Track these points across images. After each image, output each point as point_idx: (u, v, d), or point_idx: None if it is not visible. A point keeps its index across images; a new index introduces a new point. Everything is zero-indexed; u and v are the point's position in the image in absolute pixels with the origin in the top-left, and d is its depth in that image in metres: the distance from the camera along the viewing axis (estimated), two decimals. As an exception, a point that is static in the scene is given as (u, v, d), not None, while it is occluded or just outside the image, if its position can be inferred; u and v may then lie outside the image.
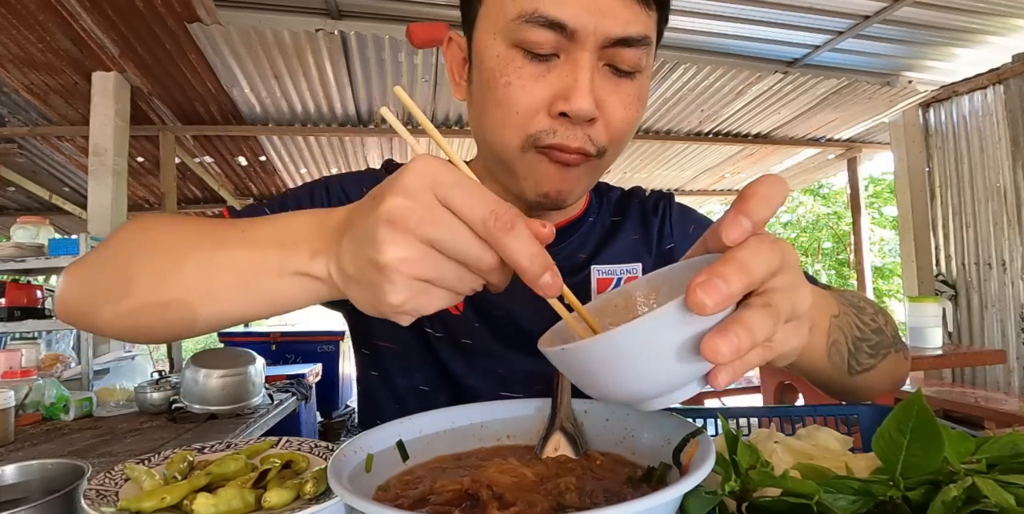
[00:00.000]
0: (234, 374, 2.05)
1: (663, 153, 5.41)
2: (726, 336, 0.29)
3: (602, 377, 0.32)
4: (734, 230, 0.31)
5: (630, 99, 0.57)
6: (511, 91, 0.55)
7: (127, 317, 0.47)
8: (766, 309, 0.31)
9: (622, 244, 0.74)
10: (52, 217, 3.65)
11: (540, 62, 0.54)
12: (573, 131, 0.55)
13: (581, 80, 0.53)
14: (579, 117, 0.53)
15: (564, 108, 0.53)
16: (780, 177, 0.33)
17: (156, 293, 0.45)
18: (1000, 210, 4.03)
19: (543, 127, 0.55)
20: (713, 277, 0.29)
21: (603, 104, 0.55)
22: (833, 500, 0.35)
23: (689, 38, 3.70)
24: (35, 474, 0.55)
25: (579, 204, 0.76)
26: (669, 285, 0.41)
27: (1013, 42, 3.86)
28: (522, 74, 0.55)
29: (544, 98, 0.55)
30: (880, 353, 0.58)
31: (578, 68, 0.53)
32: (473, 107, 0.62)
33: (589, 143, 0.56)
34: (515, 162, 0.58)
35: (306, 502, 0.43)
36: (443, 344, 0.71)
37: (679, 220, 0.77)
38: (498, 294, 0.69)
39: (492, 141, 0.59)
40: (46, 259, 2.47)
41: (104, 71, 3.39)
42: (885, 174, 10.56)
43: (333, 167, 5.40)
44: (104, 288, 0.49)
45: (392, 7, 3.25)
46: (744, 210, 0.31)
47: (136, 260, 0.48)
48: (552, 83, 0.54)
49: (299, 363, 3.93)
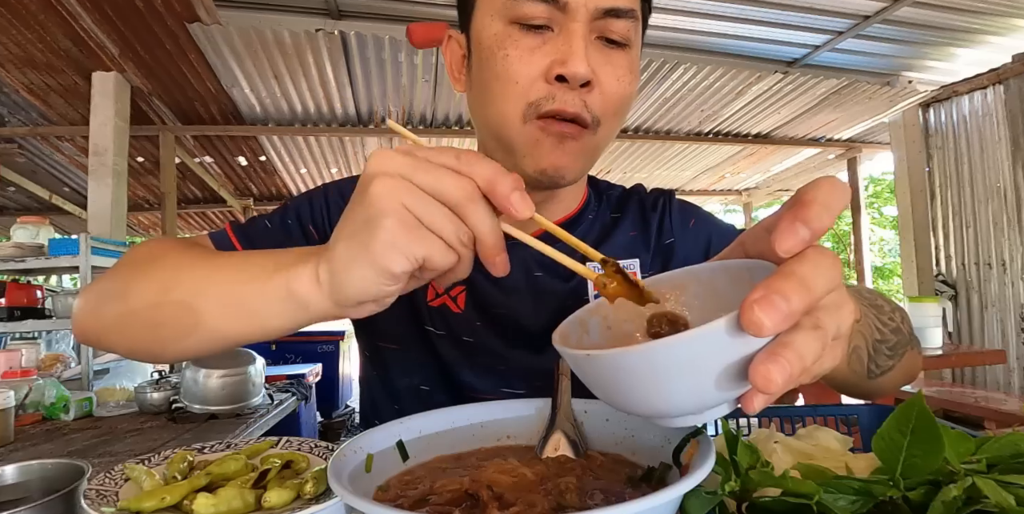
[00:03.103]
0: (234, 374, 2.05)
1: (663, 153, 5.41)
2: (777, 362, 0.26)
3: (627, 389, 0.30)
4: (789, 239, 0.28)
5: (622, 71, 0.60)
6: (509, 62, 0.58)
7: (131, 340, 0.51)
8: (816, 331, 0.27)
9: (620, 239, 0.74)
10: (52, 217, 3.65)
11: (536, 35, 0.58)
12: (571, 96, 0.57)
13: (576, 46, 0.56)
14: (576, 79, 0.56)
15: (560, 70, 0.55)
16: (839, 180, 0.29)
17: (152, 316, 0.47)
18: (1000, 210, 4.03)
19: (542, 93, 0.57)
20: (772, 294, 0.25)
21: (597, 73, 0.58)
22: (833, 500, 0.35)
23: (689, 38, 3.70)
24: (35, 474, 0.55)
25: (577, 200, 0.76)
26: (697, 285, 0.38)
27: (1013, 42, 3.86)
28: (519, 46, 0.58)
29: (541, 66, 0.57)
30: (898, 353, 0.57)
31: (572, 37, 0.56)
32: (473, 90, 0.65)
33: (585, 110, 0.58)
34: (515, 137, 0.60)
35: (306, 502, 0.43)
36: (444, 342, 0.71)
37: (679, 215, 0.77)
38: (499, 292, 0.70)
39: (493, 117, 0.61)
40: (46, 259, 2.47)
41: (104, 71, 3.39)
42: (885, 174, 10.56)
43: (333, 167, 5.40)
44: (110, 312, 0.52)
45: (392, 7, 3.25)
46: (804, 218, 0.28)
47: (137, 284, 0.51)
48: (548, 53, 0.57)
49: (299, 363, 3.92)
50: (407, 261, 0.34)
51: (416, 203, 0.34)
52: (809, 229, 0.27)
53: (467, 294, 0.71)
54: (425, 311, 0.71)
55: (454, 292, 0.71)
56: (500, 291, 0.70)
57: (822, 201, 0.28)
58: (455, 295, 0.71)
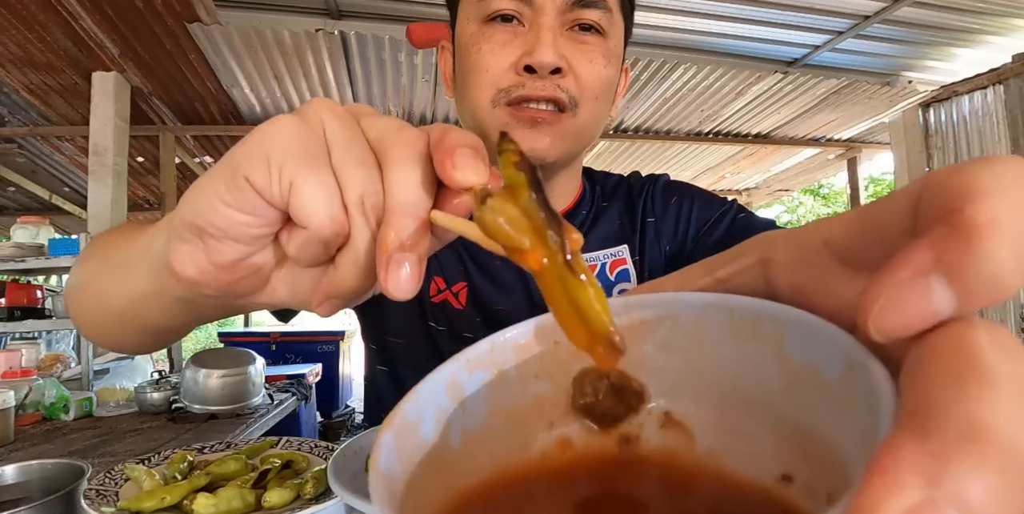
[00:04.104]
0: (234, 374, 2.05)
1: (663, 153, 5.41)
2: None
3: None
4: (904, 311, 0.12)
5: (594, 54, 0.61)
6: (482, 55, 0.60)
7: (93, 328, 0.46)
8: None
9: (606, 228, 0.73)
10: (52, 217, 3.65)
11: (507, 30, 0.60)
12: (542, 83, 0.58)
13: (543, 37, 0.57)
14: (543, 67, 0.57)
15: (528, 61, 0.57)
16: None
17: (98, 299, 0.42)
18: (1000, 210, 4.04)
19: (512, 82, 0.59)
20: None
21: (569, 59, 0.59)
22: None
23: (689, 38, 3.70)
24: (35, 474, 0.55)
25: (572, 194, 0.75)
26: (672, 330, 0.21)
27: (1013, 42, 3.86)
28: (492, 41, 0.60)
29: (512, 57, 0.59)
30: None
31: (540, 29, 0.58)
32: (457, 92, 0.67)
33: (559, 91, 0.59)
34: (485, 120, 0.61)
35: (306, 502, 0.43)
36: (445, 338, 0.71)
37: (661, 193, 0.75)
38: (498, 291, 0.70)
39: (469, 107, 0.63)
40: (46, 259, 2.47)
41: (104, 71, 3.39)
42: (885, 174, 10.57)
43: (333, 167, 5.40)
44: (78, 303, 0.46)
45: (392, 7, 3.25)
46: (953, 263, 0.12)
47: (84, 270, 0.46)
48: (518, 46, 0.60)
49: (299, 363, 3.93)
50: (270, 176, 0.23)
51: (333, 124, 0.25)
52: (956, 294, 0.12)
53: (468, 291, 0.71)
54: (428, 306, 0.72)
55: (456, 288, 0.71)
56: (499, 290, 0.71)
57: (1010, 228, 0.12)
58: (456, 291, 0.71)
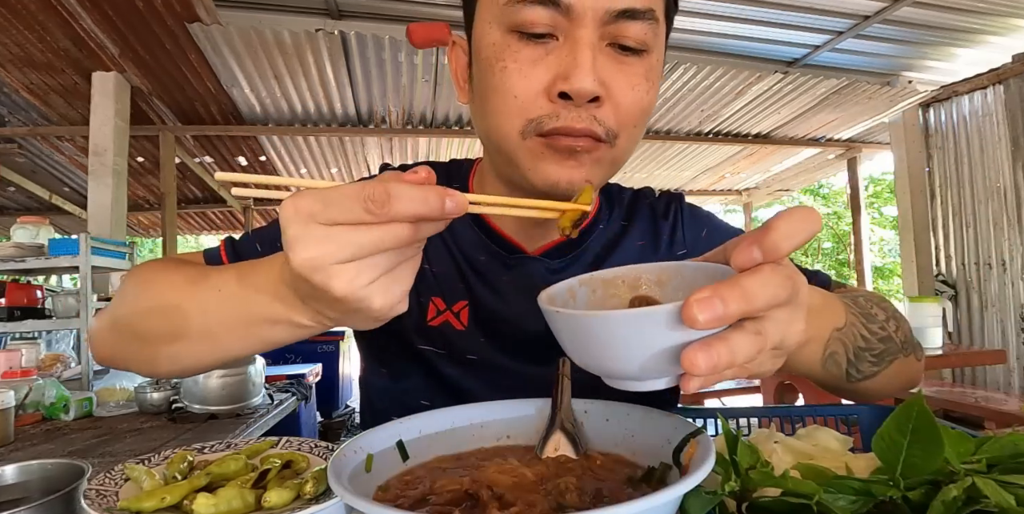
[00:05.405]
0: (234, 374, 2.05)
1: (663, 153, 5.41)
2: (708, 352, 0.30)
3: (584, 347, 0.35)
4: (741, 256, 0.32)
5: (637, 79, 0.53)
6: (507, 75, 0.52)
7: (146, 364, 0.54)
8: (755, 336, 0.31)
9: (627, 250, 0.71)
10: (52, 217, 3.65)
11: (537, 45, 0.51)
12: (577, 113, 0.51)
13: (581, 58, 0.49)
14: (581, 96, 0.50)
15: (564, 88, 0.49)
16: (812, 211, 0.33)
17: (164, 340, 0.49)
18: (1000, 210, 4.03)
19: (544, 111, 0.51)
20: (714, 297, 0.29)
21: (609, 85, 0.51)
22: (833, 500, 0.35)
23: (689, 38, 3.70)
24: (35, 474, 0.55)
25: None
26: (678, 281, 0.42)
27: (1013, 42, 3.86)
28: (519, 58, 0.51)
29: (543, 81, 0.51)
30: (885, 360, 0.56)
31: (577, 47, 0.50)
32: (474, 103, 0.60)
33: (596, 124, 0.51)
34: (516, 151, 0.54)
35: (306, 502, 0.43)
36: (444, 361, 0.68)
37: (691, 224, 0.74)
38: (503, 305, 0.68)
39: (492, 131, 0.56)
40: (46, 259, 2.46)
41: (104, 71, 3.40)
42: (885, 174, 10.57)
43: (333, 167, 5.40)
44: (123, 338, 0.54)
45: (392, 7, 3.25)
46: (761, 243, 0.31)
47: (143, 310, 0.52)
48: (551, 66, 0.51)
49: (299, 363, 3.92)
50: (393, 298, 0.37)
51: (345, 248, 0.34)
52: (762, 252, 0.31)
53: (470, 309, 0.68)
54: (422, 332, 0.68)
55: (456, 307, 0.68)
56: (504, 304, 0.67)
57: (784, 231, 0.31)
58: (458, 310, 0.68)
